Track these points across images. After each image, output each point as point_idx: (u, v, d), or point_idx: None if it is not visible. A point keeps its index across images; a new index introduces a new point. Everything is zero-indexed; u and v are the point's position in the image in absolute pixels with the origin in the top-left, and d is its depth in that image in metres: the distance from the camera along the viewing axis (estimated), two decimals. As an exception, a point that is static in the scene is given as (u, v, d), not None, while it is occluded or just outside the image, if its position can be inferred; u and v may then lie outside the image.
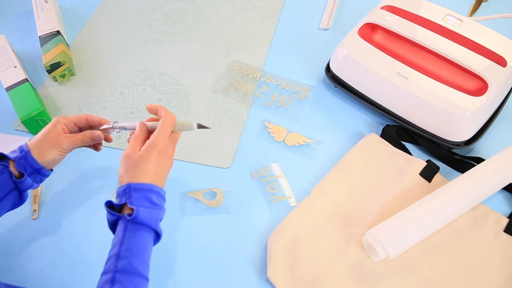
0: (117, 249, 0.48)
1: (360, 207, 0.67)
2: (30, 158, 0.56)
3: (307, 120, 0.80)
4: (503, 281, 0.59)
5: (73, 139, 0.60)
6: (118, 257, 0.48)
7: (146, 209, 0.50)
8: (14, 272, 0.65)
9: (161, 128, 0.55)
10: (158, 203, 0.52)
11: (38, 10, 0.97)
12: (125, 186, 0.51)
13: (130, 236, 0.49)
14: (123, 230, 0.49)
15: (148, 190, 0.51)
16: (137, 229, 0.49)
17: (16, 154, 0.57)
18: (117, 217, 0.51)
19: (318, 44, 0.93)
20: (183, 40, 0.97)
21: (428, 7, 0.77)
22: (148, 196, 0.51)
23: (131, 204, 0.50)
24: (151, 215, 0.50)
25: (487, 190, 0.65)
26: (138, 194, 0.50)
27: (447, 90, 0.69)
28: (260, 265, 0.64)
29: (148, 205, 0.50)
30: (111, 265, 0.48)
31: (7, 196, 0.56)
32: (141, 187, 0.51)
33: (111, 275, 0.47)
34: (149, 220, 0.50)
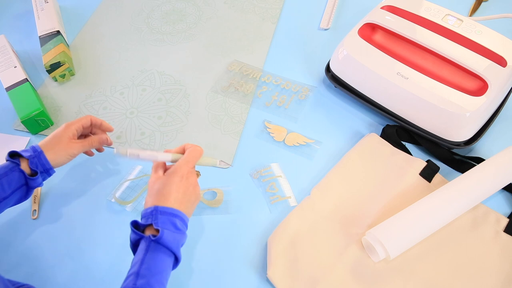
0: (137, 268, 0.49)
1: (360, 207, 0.67)
2: (43, 158, 0.61)
3: (307, 120, 0.80)
4: (502, 281, 0.59)
5: (83, 145, 0.66)
6: (138, 275, 0.49)
7: (170, 233, 0.51)
8: (14, 272, 0.65)
9: (186, 156, 0.58)
10: (181, 229, 0.53)
11: (38, 10, 0.97)
12: (152, 208, 0.53)
13: (151, 257, 0.50)
14: (145, 250, 0.50)
15: (173, 214, 0.53)
16: (159, 250, 0.51)
17: (29, 153, 0.61)
18: (140, 237, 0.52)
19: (318, 44, 0.93)
20: (183, 40, 0.97)
21: (428, 7, 0.77)
22: (173, 220, 0.52)
23: (157, 225, 0.51)
24: (174, 239, 0.51)
25: (487, 190, 0.65)
26: (164, 217, 0.52)
27: (447, 90, 0.69)
28: (260, 265, 0.64)
29: (172, 229, 0.52)
30: (130, 282, 0.49)
31: (15, 192, 0.59)
32: (167, 211, 0.52)
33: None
34: (172, 243, 0.51)
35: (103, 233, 0.68)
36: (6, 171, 0.58)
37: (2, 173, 0.58)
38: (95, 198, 0.72)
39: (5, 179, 0.58)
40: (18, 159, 0.60)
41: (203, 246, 0.66)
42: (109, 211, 0.71)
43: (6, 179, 0.58)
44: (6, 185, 0.58)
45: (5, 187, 0.58)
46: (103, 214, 0.70)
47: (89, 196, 0.73)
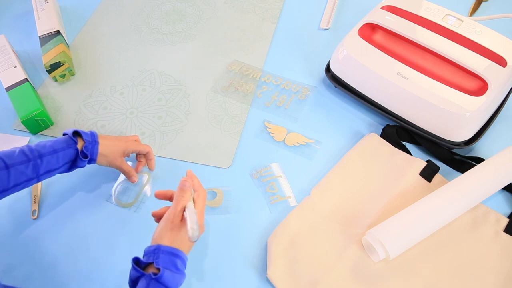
0: None
1: (360, 207, 0.67)
2: (96, 149, 0.66)
3: (307, 120, 0.80)
4: (502, 281, 0.59)
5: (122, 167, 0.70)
6: None
7: (171, 273, 0.52)
8: (14, 272, 0.65)
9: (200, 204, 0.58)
10: (181, 269, 0.54)
11: (38, 10, 0.97)
12: (155, 246, 0.54)
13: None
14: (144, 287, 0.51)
15: (175, 255, 0.54)
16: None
17: (88, 138, 0.66)
18: (141, 274, 0.52)
19: (318, 44, 0.93)
20: (183, 40, 0.97)
21: (428, 7, 0.77)
22: (174, 260, 0.53)
23: (157, 264, 0.52)
24: (174, 279, 0.52)
25: (487, 190, 0.65)
26: (166, 257, 0.53)
27: (447, 90, 0.69)
28: (260, 265, 0.64)
29: (173, 269, 0.53)
30: None
31: (64, 165, 0.65)
32: (170, 250, 0.53)
33: None
34: (171, 283, 0.52)
35: (104, 232, 0.68)
36: (65, 146, 0.64)
37: (61, 147, 0.63)
38: (95, 198, 0.72)
39: (62, 153, 0.63)
40: (76, 138, 0.65)
41: (203, 246, 0.66)
42: (109, 211, 0.71)
43: (62, 153, 0.63)
44: (61, 158, 0.63)
45: (59, 159, 0.63)
46: (103, 214, 0.70)
47: (89, 196, 0.72)
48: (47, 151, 0.62)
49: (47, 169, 0.62)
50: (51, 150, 0.62)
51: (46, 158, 0.62)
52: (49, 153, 0.62)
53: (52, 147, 0.63)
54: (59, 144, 0.64)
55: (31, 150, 0.62)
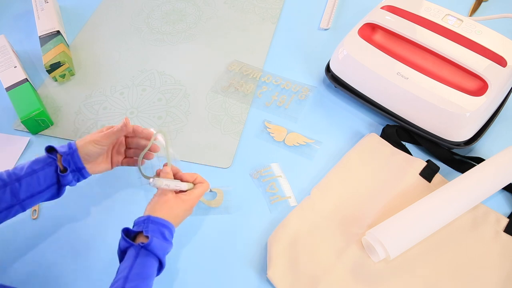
0: (126, 273, 0.51)
1: (360, 207, 0.67)
2: (76, 156, 0.60)
3: (307, 120, 0.80)
4: (503, 281, 0.59)
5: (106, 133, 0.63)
6: (127, 279, 0.51)
7: (159, 241, 0.54)
8: (14, 272, 0.65)
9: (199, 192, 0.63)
10: (168, 239, 0.56)
11: (38, 10, 0.97)
12: (145, 217, 0.56)
13: (140, 262, 0.52)
14: (134, 257, 0.53)
15: (164, 225, 0.56)
16: (147, 256, 0.53)
17: (64, 149, 0.61)
18: (130, 245, 0.54)
19: (318, 44, 0.93)
20: (183, 40, 0.97)
21: (428, 7, 0.77)
22: (162, 230, 0.56)
23: (147, 233, 0.54)
24: (162, 247, 0.54)
25: (487, 190, 0.65)
26: (154, 227, 0.55)
27: (447, 90, 0.69)
28: (260, 265, 0.64)
29: (160, 238, 0.55)
30: (118, 286, 0.51)
31: (49, 188, 0.60)
32: (159, 221, 0.56)
33: None
34: (159, 251, 0.54)
35: (104, 232, 0.68)
36: (43, 165, 0.59)
37: (39, 167, 0.58)
38: (95, 198, 0.72)
39: (41, 173, 0.58)
40: (55, 154, 0.60)
41: (203, 246, 0.66)
42: (109, 211, 0.71)
43: (42, 173, 0.58)
44: (42, 179, 0.58)
45: (40, 181, 0.58)
46: (104, 214, 0.70)
47: (89, 196, 0.72)
48: (25, 172, 0.57)
49: (29, 193, 0.57)
50: (29, 171, 0.58)
51: (25, 181, 0.57)
52: (27, 174, 0.57)
53: (30, 168, 0.58)
54: (37, 163, 0.59)
55: (9, 174, 0.57)
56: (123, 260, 0.54)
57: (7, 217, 0.58)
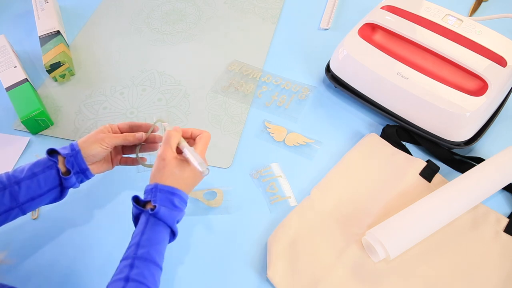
0: (138, 239, 0.53)
1: (360, 207, 0.67)
2: (79, 157, 0.59)
3: (307, 120, 0.80)
4: (503, 281, 0.59)
5: (116, 136, 0.63)
6: (138, 245, 0.53)
7: (167, 209, 0.55)
8: (14, 272, 0.65)
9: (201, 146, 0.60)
10: (178, 206, 0.56)
11: (38, 10, 0.97)
12: (153, 185, 0.56)
13: (150, 229, 0.54)
14: (144, 223, 0.54)
15: (172, 193, 0.56)
16: (157, 224, 0.54)
17: (67, 151, 0.59)
18: (141, 211, 0.56)
19: (318, 44, 0.93)
20: (183, 40, 0.97)
21: (428, 7, 0.77)
22: (171, 198, 0.56)
23: (154, 202, 0.55)
24: (170, 214, 0.55)
25: (487, 190, 0.65)
26: (162, 195, 0.55)
27: (447, 90, 0.69)
28: (260, 265, 0.64)
29: (170, 206, 0.55)
30: (131, 252, 0.52)
31: (50, 191, 0.59)
32: (166, 189, 0.56)
33: (131, 261, 0.52)
34: (168, 219, 0.55)
35: (104, 232, 0.68)
36: (44, 168, 0.58)
37: (39, 169, 0.58)
38: (95, 198, 0.72)
39: (42, 175, 0.57)
40: (57, 156, 0.59)
41: (203, 246, 0.66)
42: (109, 211, 0.71)
43: (43, 176, 0.57)
44: (42, 181, 0.57)
45: (41, 184, 0.57)
46: (104, 213, 0.70)
47: (89, 196, 0.72)
48: (25, 175, 0.57)
49: (29, 197, 0.56)
50: (30, 174, 0.57)
51: (24, 183, 0.56)
52: (27, 177, 0.56)
53: (30, 170, 0.57)
54: (37, 166, 0.58)
55: (8, 177, 0.57)
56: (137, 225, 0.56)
57: (6, 220, 0.57)
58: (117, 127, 0.66)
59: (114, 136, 0.63)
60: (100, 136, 0.61)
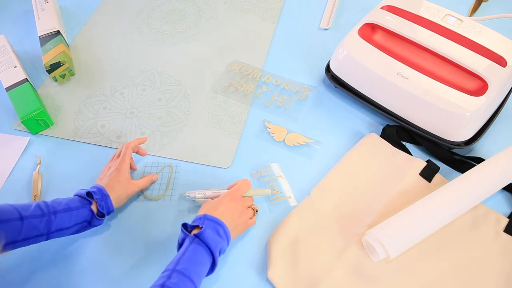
0: (179, 257, 0.55)
1: (360, 207, 0.67)
2: (109, 202, 0.64)
3: (307, 120, 0.80)
4: (503, 281, 0.59)
5: (139, 186, 0.70)
6: (179, 262, 0.55)
7: (212, 233, 0.57)
8: (14, 272, 0.65)
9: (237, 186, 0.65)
10: (222, 236, 0.59)
11: (38, 10, 0.97)
12: (202, 215, 0.60)
13: (192, 249, 0.56)
14: (188, 245, 0.57)
15: (218, 224, 0.59)
16: (199, 244, 0.56)
17: (97, 196, 0.63)
18: (186, 235, 0.58)
19: (318, 44, 0.93)
20: (183, 40, 0.97)
21: (428, 7, 0.77)
22: (217, 227, 0.58)
23: (202, 225, 0.58)
24: (214, 239, 0.57)
25: (487, 190, 0.65)
26: (210, 223, 0.58)
27: (447, 90, 0.69)
28: (260, 265, 0.64)
29: (214, 232, 0.58)
30: (171, 265, 0.55)
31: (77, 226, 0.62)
32: (214, 219, 0.59)
33: (169, 273, 0.53)
34: (211, 242, 0.57)
35: (104, 231, 0.68)
36: (79, 206, 0.62)
37: (75, 206, 0.62)
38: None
39: (76, 212, 0.61)
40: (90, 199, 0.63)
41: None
42: (109, 211, 0.71)
43: (76, 212, 0.61)
44: (74, 217, 0.61)
45: (73, 218, 0.61)
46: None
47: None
48: (62, 208, 0.61)
49: (59, 227, 0.60)
50: (66, 208, 0.61)
51: (60, 215, 0.60)
52: (63, 210, 0.60)
53: (67, 205, 0.61)
54: (74, 203, 0.62)
55: (47, 206, 0.60)
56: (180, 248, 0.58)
57: (31, 243, 0.59)
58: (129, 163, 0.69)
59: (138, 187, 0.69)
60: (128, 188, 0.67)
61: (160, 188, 0.73)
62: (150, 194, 0.72)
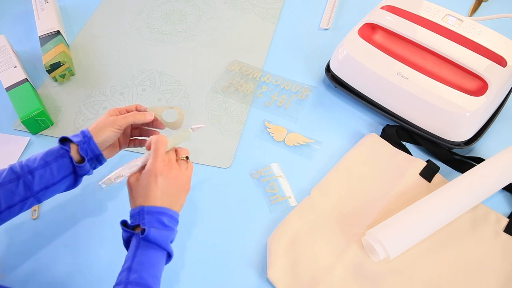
0: (130, 263, 0.51)
1: (360, 207, 0.67)
2: (92, 143, 0.58)
3: (307, 120, 0.80)
4: (503, 281, 0.59)
5: (125, 116, 0.61)
6: (130, 270, 0.51)
7: (157, 230, 0.53)
8: (14, 272, 0.65)
9: (153, 153, 0.57)
10: (169, 225, 0.54)
11: (38, 10, 0.97)
12: (139, 208, 0.54)
13: (142, 252, 0.52)
14: (135, 246, 0.52)
15: (160, 212, 0.54)
16: (148, 247, 0.52)
17: (79, 138, 0.58)
18: (131, 234, 0.54)
19: (318, 44, 0.93)
20: (183, 40, 0.97)
21: (428, 7, 0.77)
22: (160, 218, 0.53)
23: (144, 225, 0.53)
24: (162, 236, 0.53)
25: (487, 190, 0.65)
26: (150, 217, 0.53)
27: (447, 90, 0.69)
28: (260, 265, 0.64)
29: (160, 227, 0.53)
30: (123, 278, 0.51)
31: (64, 179, 0.58)
32: (153, 210, 0.54)
33: (123, 286, 0.50)
34: (160, 240, 0.52)
35: (104, 232, 0.68)
36: (56, 157, 0.57)
37: (52, 158, 0.57)
38: (96, 198, 0.72)
39: (55, 164, 0.57)
40: (68, 145, 0.58)
41: (203, 246, 0.66)
42: (109, 210, 0.71)
43: (55, 164, 0.57)
44: (55, 170, 0.57)
45: (54, 172, 0.57)
46: (104, 213, 0.70)
47: (89, 196, 0.72)
48: (38, 164, 0.56)
49: (43, 185, 0.56)
50: (42, 163, 0.56)
51: (38, 173, 0.56)
52: (40, 166, 0.56)
53: (43, 160, 0.57)
54: (50, 155, 0.57)
55: (22, 167, 0.56)
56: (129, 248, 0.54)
57: (22, 209, 0.57)
58: (125, 110, 0.63)
59: (123, 116, 0.61)
60: (110, 120, 0.60)
61: None
62: None
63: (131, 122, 0.62)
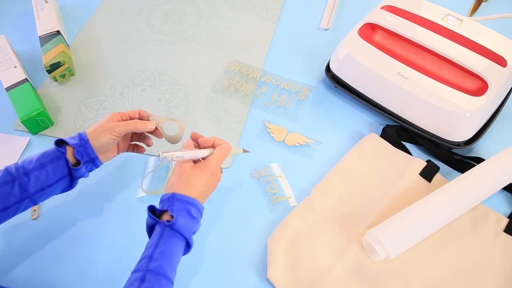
0: (151, 251, 0.52)
1: (360, 207, 0.67)
2: (89, 147, 0.58)
3: (307, 120, 0.80)
4: (503, 281, 0.59)
5: (126, 123, 0.61)
6: (151, 258, 0.51)
7: (184, 219, 0.53)
8: (14, 272, 0.65)
9: (218, 154, 0.60)
10: (195, 217, 0.55)
11: (38, 10, 0.97)
12: (170, 194, 0.55)
13: (165, 241, 0.52)
14: (159, 235, 0.53)
15: (190, 203, 0.55)
16: (172, 236, 0.53)
17: (75, 141, 0.58)
18: (156, 221, 0.54)
19: (318, 44, 0.93)
20: (183, 40, 0.97)
21: (428, 7, 0.77)
22: (188, 208, 0.54)
23: (172, 212, 0.53)
24: (188, 225, 0.54)
25: (487, 190, 0.65)
26: (180, 205, 0.54)
27: (447, 90, 0.69)
28: (260, 265, 0.64)
29: (187, 217, 0.54)
30: (143, 264, 0.51)
31: (59, 181, 0.58)
32: (184, 199, 0.55)
33: (142, 274, 0.50)
34: (185, 230, 0.53)
35: (104, 232, 0.68)
36: (52, 159, 0.57)
37: (47, 160, 0.57)
38: (96, 198, 0.72)
39: (50, 166, 0.57)
40: (65, 147, 0.58)
41: (203, 246, 0.66)
42: (109, 211, 0.71)
43: (51, 166, 0.57)
44: (51, 172, 0.57)
45: (50, 174, 0.57)
46: (104, 213, 0.70)
47: (89, 196, 0.72)
48: (34, 166, 0.56)
49: (39, 187, 0.56)
50: (38, 165, 0.56)
51: (33, 175, 0.56)
52: (36, 168, 0.56)
53: (38, 161, 0.57)
54: (45, 157, 0.57)
55: (17, 168, 0.56)
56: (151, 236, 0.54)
57: (17, 211, 0.57)
58: (127, 115, 0.63)
59: (124, 124, 0.61)
60: (110, 126, 0.60)
61: (158, 183, 0.73)
62: (149, 188, 0.72)
63: (131, 130, 0.62)
